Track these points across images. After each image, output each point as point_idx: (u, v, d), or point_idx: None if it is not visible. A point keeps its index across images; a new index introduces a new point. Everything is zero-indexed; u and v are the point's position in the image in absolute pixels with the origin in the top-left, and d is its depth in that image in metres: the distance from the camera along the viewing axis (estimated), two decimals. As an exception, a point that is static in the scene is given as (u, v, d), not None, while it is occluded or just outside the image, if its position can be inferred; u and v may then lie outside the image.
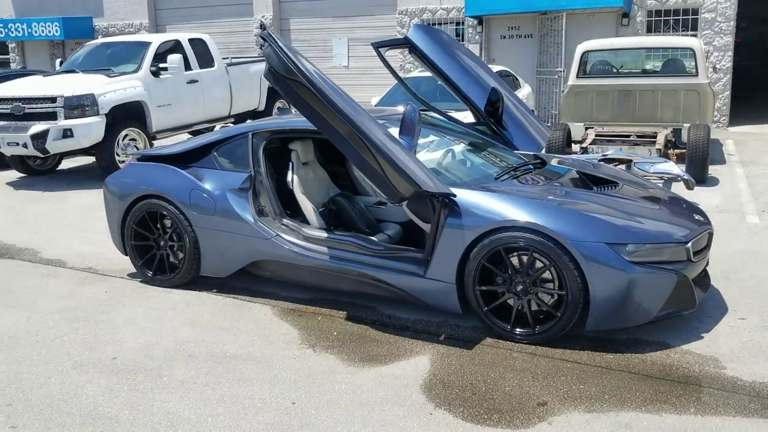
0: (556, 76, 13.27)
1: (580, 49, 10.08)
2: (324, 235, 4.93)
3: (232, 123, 12.75)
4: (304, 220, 5.17)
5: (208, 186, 5.19)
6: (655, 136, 8.91)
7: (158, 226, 5.43)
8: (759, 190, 8.21)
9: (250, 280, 5.39)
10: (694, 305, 4.24)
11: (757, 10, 17.01)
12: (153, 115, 10.55)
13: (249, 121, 5.98)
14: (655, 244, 4.08)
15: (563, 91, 10.12)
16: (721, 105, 13.28)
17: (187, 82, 11.25)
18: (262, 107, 13.22)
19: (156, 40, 11.14)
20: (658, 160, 7.36)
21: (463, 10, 14.50)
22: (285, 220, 5.11)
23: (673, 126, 9.44)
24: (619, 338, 4.25)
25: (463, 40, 14.81)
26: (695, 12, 13.14)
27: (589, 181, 5.05)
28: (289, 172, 5.23)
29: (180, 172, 5.33)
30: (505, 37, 14.56)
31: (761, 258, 5.68)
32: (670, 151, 8.97)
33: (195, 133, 12.75)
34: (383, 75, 15.74)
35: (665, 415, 3.36)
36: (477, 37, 14.58)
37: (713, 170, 9.31)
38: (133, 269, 5.83)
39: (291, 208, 5.28)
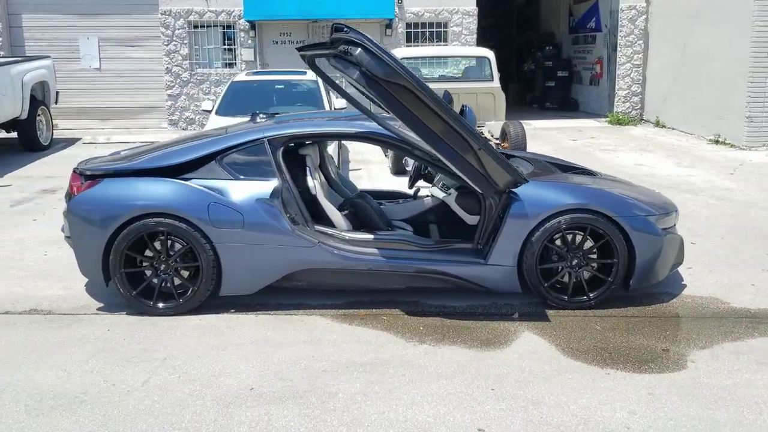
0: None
1: (397, 55, 10.94)
2: (370, 236, 4.95)
3: None
4: (327, 224, 5.08)
5: (229, 198, 4.77)
6: (481, 133, 10.20)
7: (156, 248, 4.79)
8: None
9: (258, 296, 5.04)
10: (683, 260, 5.37)
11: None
12: None
13: (246, 124, 5.52)
14: (666, 213, 5.08)
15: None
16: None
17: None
18: (24, 115, 11.48)
19: None
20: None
21: (233, 13, 14.37)
22: (317, 227, 4.97)
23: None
24: (634, 295, 5.14)
25: (234, 44, 14.64)
26: (445, 25, 15.02)
27: (561, 170, 5.88)
28: (308, 178, 5.09)
29: (188, 185, 4.77)
30: (277, 43, 14.79)
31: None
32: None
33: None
34: (140, 78, 14.74)
35: (748, 341, 4.35)
36: (250, 41, 14.55)
37: (514, 160, 10.99)
38: (98, 303, 5.02)
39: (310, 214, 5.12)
